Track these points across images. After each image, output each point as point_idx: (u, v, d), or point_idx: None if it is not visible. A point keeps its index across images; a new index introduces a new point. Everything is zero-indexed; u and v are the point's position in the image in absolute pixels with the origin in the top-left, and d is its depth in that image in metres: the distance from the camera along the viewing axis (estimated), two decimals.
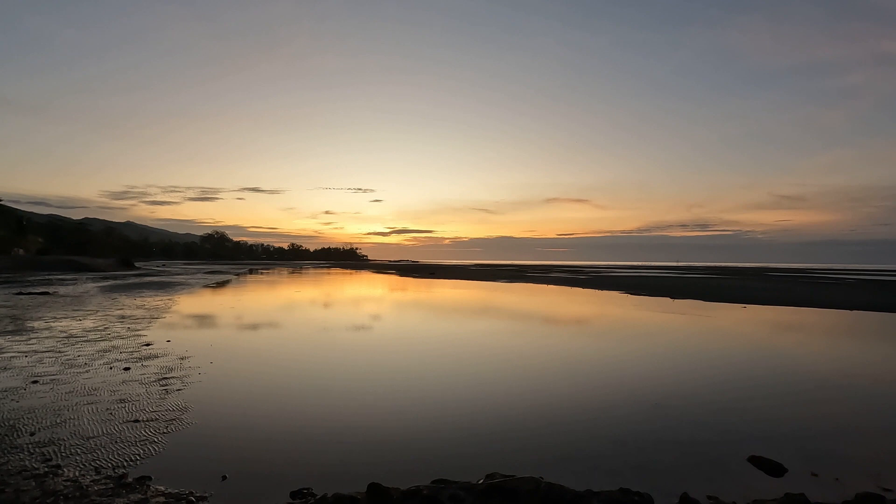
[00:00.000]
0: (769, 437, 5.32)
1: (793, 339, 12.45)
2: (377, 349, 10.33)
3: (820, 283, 41.86)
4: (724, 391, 7.26)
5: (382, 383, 7.44)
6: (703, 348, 10.92)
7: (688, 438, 5.27)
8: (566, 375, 8.15)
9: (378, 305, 20.92)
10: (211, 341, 10.83)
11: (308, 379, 7.69)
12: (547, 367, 8.76)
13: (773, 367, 9.07)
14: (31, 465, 4.29)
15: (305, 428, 5.44)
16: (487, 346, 10.84)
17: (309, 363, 8.89)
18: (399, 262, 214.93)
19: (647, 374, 8.26)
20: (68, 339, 10.80)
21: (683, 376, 8.20)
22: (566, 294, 28.54)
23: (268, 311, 17.48)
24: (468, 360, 9.25)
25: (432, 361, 9.17)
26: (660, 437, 5.30)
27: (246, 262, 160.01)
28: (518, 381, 7.67)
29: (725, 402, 6.70)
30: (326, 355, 9.62)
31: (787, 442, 5.20)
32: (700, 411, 6.26)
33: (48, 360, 8.62)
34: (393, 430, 5.42)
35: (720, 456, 4.79)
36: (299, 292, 28.50)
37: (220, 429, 5.36)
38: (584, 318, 16.73)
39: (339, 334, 12.33)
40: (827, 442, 5.23)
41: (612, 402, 6.62)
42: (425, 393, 6.95)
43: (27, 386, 6.89)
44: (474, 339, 11.96)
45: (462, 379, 7.79)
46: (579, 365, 9.03)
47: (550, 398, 6.75)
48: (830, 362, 9.68)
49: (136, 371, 7.91)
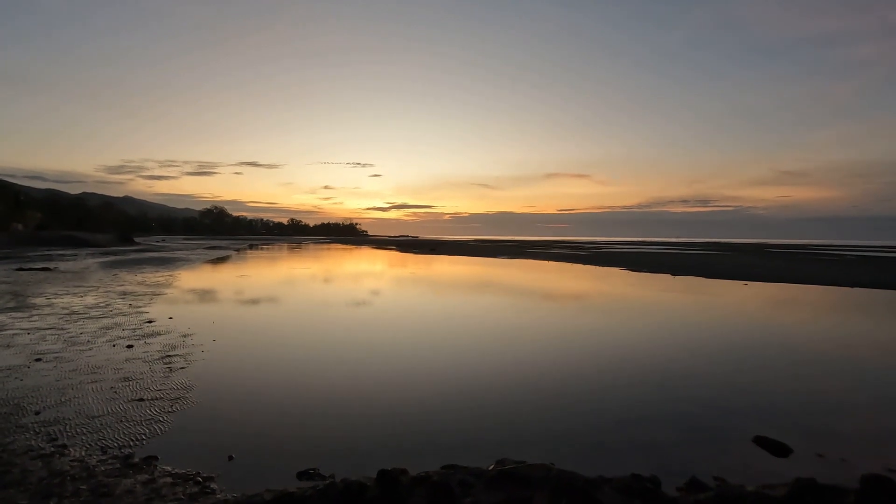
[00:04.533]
0: (773, 417, 5.33)
1: (794, 317, 12.46)
2: (382, 328, 10.33)
3: (821, 260, 41.87)
4: (727, 370, 7.27)
5: (389, 363, 7.44)
6: (705, 326, 10.93)
7: (692, 418, 5.28)
8: (570, 356, 8.16)
9: (381, 282, 20.92)
10: (213, 318, 10.83)
11: (312, 357, 7.69)
12: (551, 347, 8.77)
13: (774, 345, 9.09)
14: (37, 445, 4.29)
15: (310, 407, 5.44)
16: (492, 326, 10.86)
17: (313, 341, 8.89)
18: (399, 238, 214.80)
19: (650, 353, 8.27)
20: (70, 315, 10.79)
21: (686, 355, 8.21)
22: (567, 270, 28.54)
23: (270, 288, 17.47)
24: (474, 340, 9.26)
25: (438, 341, 9.18)
26: (665, 417, 5.31)
27: (245, 238, 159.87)
28: (524, 362, 7.68)
29: (728, 380, 6.71)
30: (331, 333, 9.62)
31: (791, 421, 5.20)
32: (703, 390, 6.27)
33: (51, 337, 8.62)
34: (401, 410, 5.42)
35: (725, 436, 4.80)
36: (302, 268, 28.49)
37: (225, 408, 5.36)
38: (585, 296, 16.74)
39: (344, 311, 12.33)
40: (831, 421, 5.24)
41: (616, 382, 6.63)
42: (432, 372, 6.95)
43: (31, 364, 6.89)
44: (479, 318, 11.97)
45: (469, 359, 7.80)
46: (583, 345, 9.04)
47: (557, 379, 6.75)
48: (831, 340, 9.70)
49: (140, 349, 7.90)
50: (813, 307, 14.64)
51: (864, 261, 41.54)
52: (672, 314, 12.52)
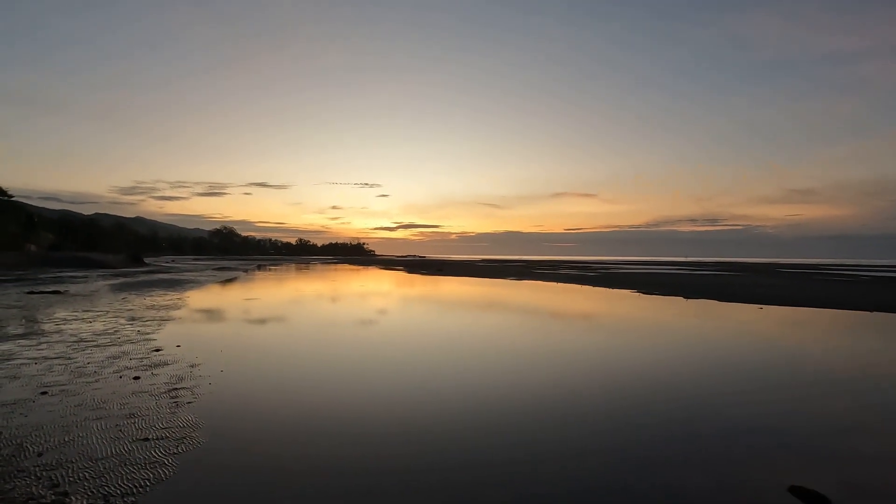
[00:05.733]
0: (809, 462, 5.04)
1: (818, 345, 12.07)
2: (396, 360, 10.10)
3: (834, 281, 41.11)
4: (755, 406, 6.96)
5: (406, 398, 7.23)
6: (726, 356, 10.60)
7: (721, 462, 5.00)
8: (588, 388, 7.90)
9: (392, 305, 20.74)
10: (221, 346, 10.69)
11: (324, 394, 7.49)
12: (568, 380, 8.51)
13: (803, 379, 8.75)
14: (37, 493, 4.12)
15: (321, 452, 5.24)
16: (510, 356, 10.63)
17: (324, 373, 8.70)
18: (406, 258, 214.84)
19: (673, 387, 7.98)
20: (78, 343, 10.70)
21: (710, 389, 7.90)
22: (577, 293, 28.20)
23: (279, 312, 17.35)
24: (494, 373, 9.03)
25: (462, 378, 8.95)
26: (693, 459, 5.04)
27: (254, 258, 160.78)
28: (543, 400, 7.43)
29: (757, 418, 6.41)
30: (342, 362, 9.42)
31: (829, 468, 4.91)
32: (731, 430, 5.98)
33: (58, 367, 8.51)
34: (423, 455, 5.20)
35: (758, 484, 4.52)
36: (311, 291, 28.41)
37: (231, 450, 5.17)
38: (600, 322, 16.44)
39: (355, 338, 12.15)
40: (874, 469, 4.93)
41: (639, 418, 6.35)
42: (461, 415, 6.72)
43: (36, 398, 6.76)
44: (496, 347, 11.75)
45: (489, 397, 7.56)
46: (601, 377, 8.77)
47: (574, 414, 6.50)
48: (865, 373, 9.31)
49: (146, 380, 7.76)
50: (837, 334, 14.20)
51: (880, 282, 40.69)
52: (690, 343, 12.19)
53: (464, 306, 21.02)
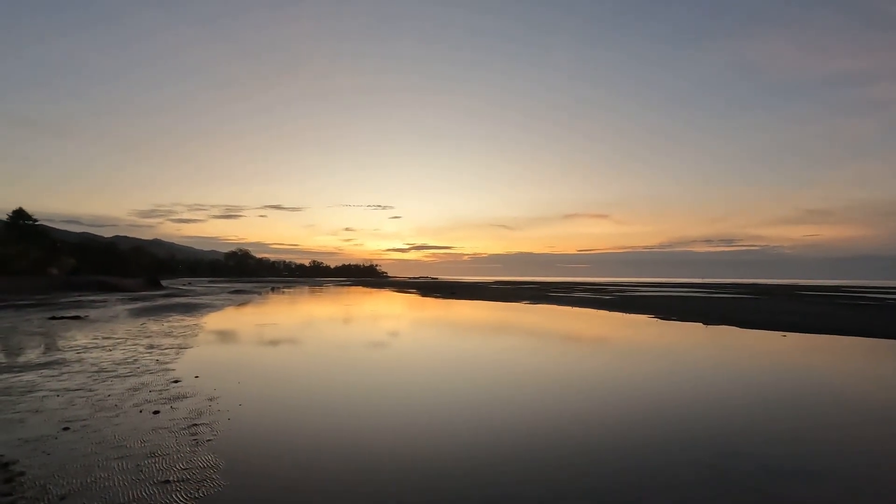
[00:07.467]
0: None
1: (848, 379, 11.64)
2: (419, 396, 9.97)
3: (861, 305, 39.90)
4: (784, 447, 6.67)
5: (429, 437, 7.10)
6: (756, 393, 10.26)
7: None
8: (615, 428, 7.67)
9: (410, 335, 20.65)
10: (238, 377, 10.68)
11: (343, 431, 7.39)
12: (591, 418, 8.30)
13: (836, 421, 8.40)
14: None
15: (340, 492, 5.13)
16: (529, 386, 10.44)
17: (344, 411, 8.59)
18: (418, 280, 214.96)
19: (700, 427, 7.72)
20: (99, 373, 10.79)
21: (738, 429, 7.62)
22: (594, 318, 27.80)
23: (293, 341, 17.36)
24: (515, 410, 8.85)
25: (487, 418, 8.80)
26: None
27: (268, 280, 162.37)
28: (563, 433, 7.23)
29: (792, 461, 6.14)
30: (364, 401, 9.28)
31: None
32: (762, 474, 5.73)
33: (79, 400, 8.57)
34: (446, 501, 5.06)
35: None
36: (327, 316, 28.46)
37: (249, 492, 5.10)
38: (619, 352, 16.12)
39: (376, 373, 12.06)
40: None
41: (666, 460, 6.13)
42: (490, 456, 6.58)
43: (58, 434, 6.79)
44: (516, 382, 11.56)
45: (515, 433, 7.40)
46: (626, 415, 8.53)
47: (601, 456, 6.30)
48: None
49: (166, 415, 7.76)
50: (870, 366, 13.69)
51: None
52: (713, 375, 11.86)
53: (484, 333, 20.83)
